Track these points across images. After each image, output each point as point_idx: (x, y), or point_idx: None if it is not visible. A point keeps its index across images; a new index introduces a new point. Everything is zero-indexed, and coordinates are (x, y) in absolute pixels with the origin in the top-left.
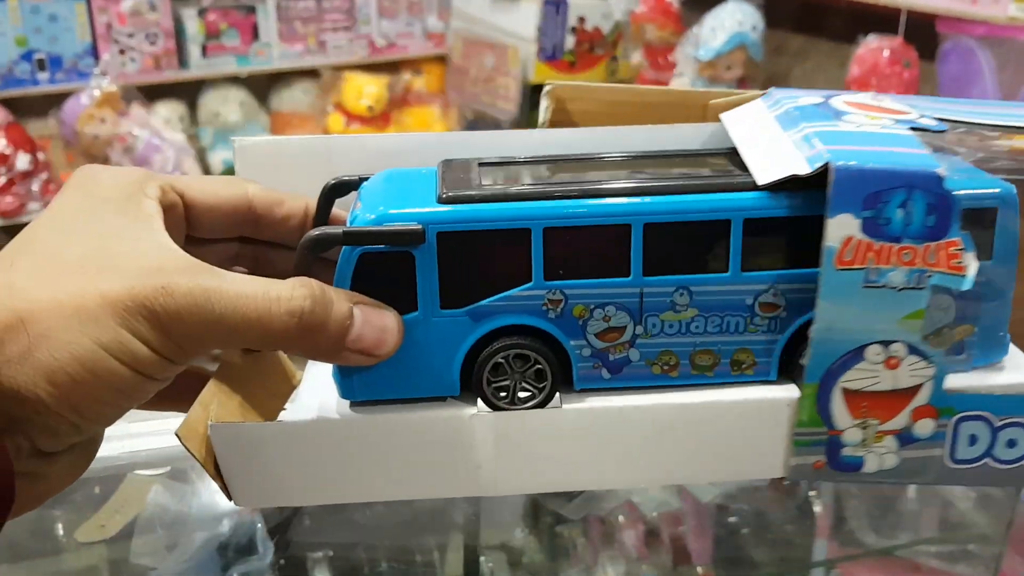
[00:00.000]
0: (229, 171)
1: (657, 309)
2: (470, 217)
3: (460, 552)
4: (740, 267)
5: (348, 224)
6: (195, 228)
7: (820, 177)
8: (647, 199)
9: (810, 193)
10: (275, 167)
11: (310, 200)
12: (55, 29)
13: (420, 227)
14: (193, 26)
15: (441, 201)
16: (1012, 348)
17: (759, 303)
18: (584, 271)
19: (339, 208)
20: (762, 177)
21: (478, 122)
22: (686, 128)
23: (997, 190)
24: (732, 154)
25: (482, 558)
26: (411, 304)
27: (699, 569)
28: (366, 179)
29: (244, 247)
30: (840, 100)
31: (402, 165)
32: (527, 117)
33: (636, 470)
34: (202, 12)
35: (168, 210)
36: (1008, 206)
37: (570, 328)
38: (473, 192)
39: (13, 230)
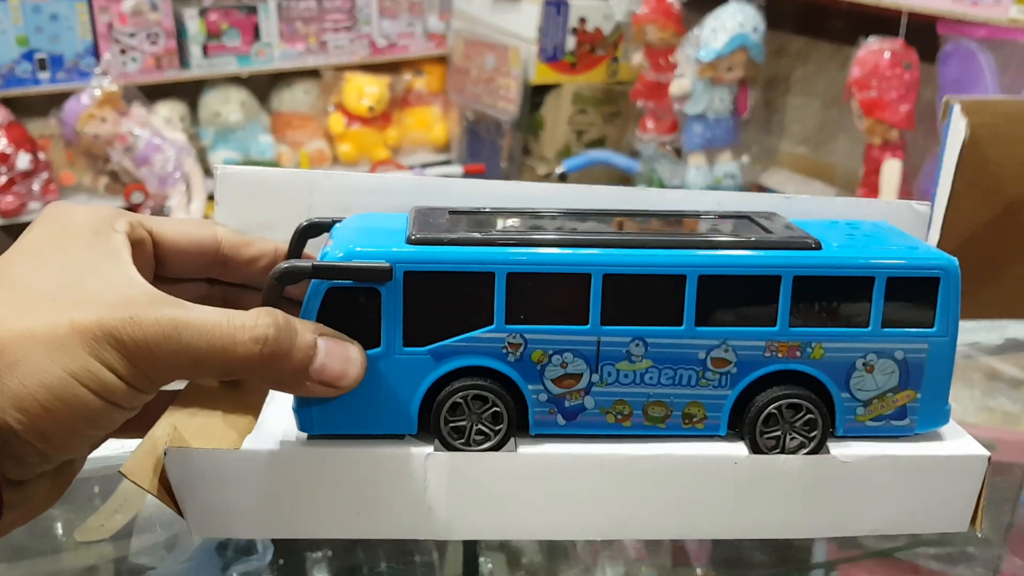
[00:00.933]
0: None
1: (613, 358)
2: (437, 258)
3: (460, 552)
4: (694, 321)
5: (319, 259)
6: (164, 267)
7: (778, 238)
8: (606, 251)
9: (765, 252)
10: (256, 197)
11: (280, 243)
12: (56, 28)
13: (388, 265)
14: (194, 26)
15: (410, 242)
16: (951, 418)
17: (711, 358)
18: (545, 317)
19: (310, 250)
20: None
21: (479, 122)
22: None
23: (940, 261)
24: (703, 217)
25: (482, 558)
26: (375, 340)
27: (698, 570)
28: (339, 221)
29: (213, 288)
30: None
31: (384, 204)
32: (527, 118)
33: (587, 519)
34: (203, 12)
35: (136, 245)
36: (950, 276)
37: (528, 372)
38: (441, 235)
39: (13, 229)
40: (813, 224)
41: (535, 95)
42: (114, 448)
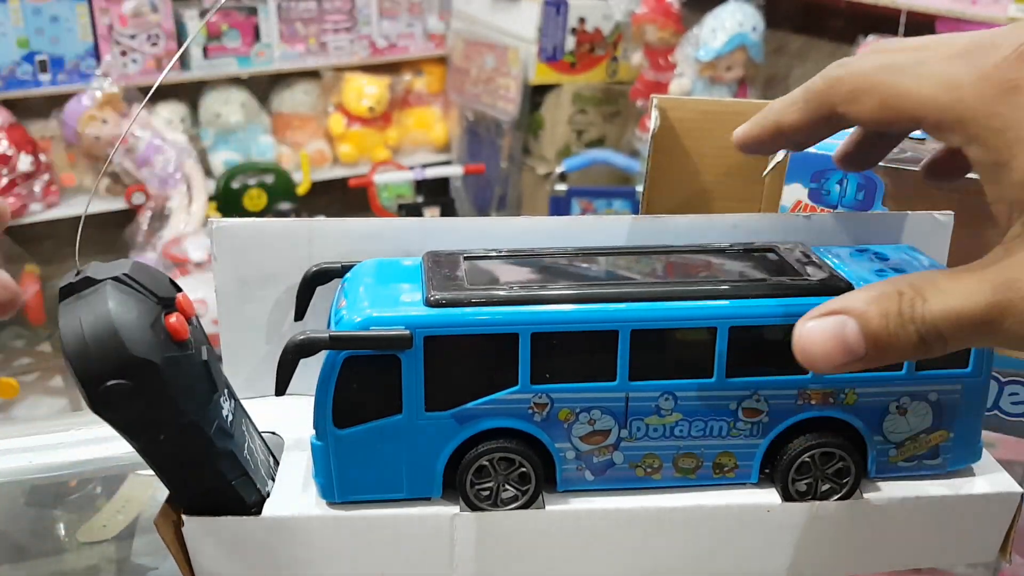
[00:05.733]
0: (230, 172)
1: (642, 413)
2: (458, 321)
3: None
4: (725, 373)
5: (332, 325)
6: None
7: (809, 283)
8: (633, 305)
9: (797, 300)
10: (254, 249)
11: None
12: (57, 30)
13: (408, 332)
14: (194, 27)
15: (428, 304)
16: (984, 453)
17: (742, 408)
18: (570, 375)
19: (320, 296)
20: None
21: (479, 122)
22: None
23: None
24: (727, 251)
25: None
26: (396, 406)
27: None
28: (348, 267)
29: None
30: None
31: (384, 248)
32: (526, 118)
33: (618, 572)
34: (203, 13)
35: None
36: None
37: (555, 431)
38: (461, 295)
39: (15, 231)
40: (840, 254)
41: (535, 95)
42: (117, 448)
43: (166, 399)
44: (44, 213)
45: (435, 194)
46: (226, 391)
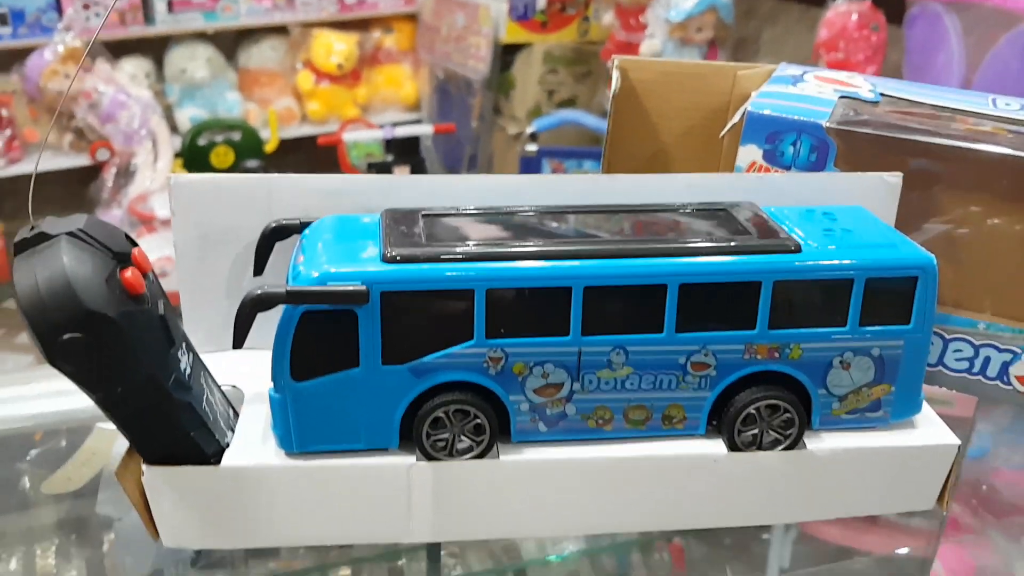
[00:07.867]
0: (197, 128)
1: (594, 367)
2: (414, 277)
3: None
4: (675, 328)
5: (290, 280)
6: None
7: (758, 243)
8: (587, 263)
9: (746, 258)
10: (213, 205)
11: None
12: None
13: (364, 288)
14: None
15: (385, 260)
16: (924, 406)
17: (691, 362)
18: (525, 330)
19: (280, 252)
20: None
21: (449, 81)
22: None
23: (918, 259)
24: (680, 211)
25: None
26: (353, 360)
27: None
28: (307, 224)
29: None
30: (812, 74)
31: (343, 206)
32: (497, 77)
33: (570, 519)
34: None
35: None
36: (927, 275)
37: (509, 384)
38: (417, 251)
39: None
40: (790, 214)
41: (506, 54)
42: (81, 401)
43: (122, 352)
44: (6, 169)
45: (405, 153)
46: (184, 345)
